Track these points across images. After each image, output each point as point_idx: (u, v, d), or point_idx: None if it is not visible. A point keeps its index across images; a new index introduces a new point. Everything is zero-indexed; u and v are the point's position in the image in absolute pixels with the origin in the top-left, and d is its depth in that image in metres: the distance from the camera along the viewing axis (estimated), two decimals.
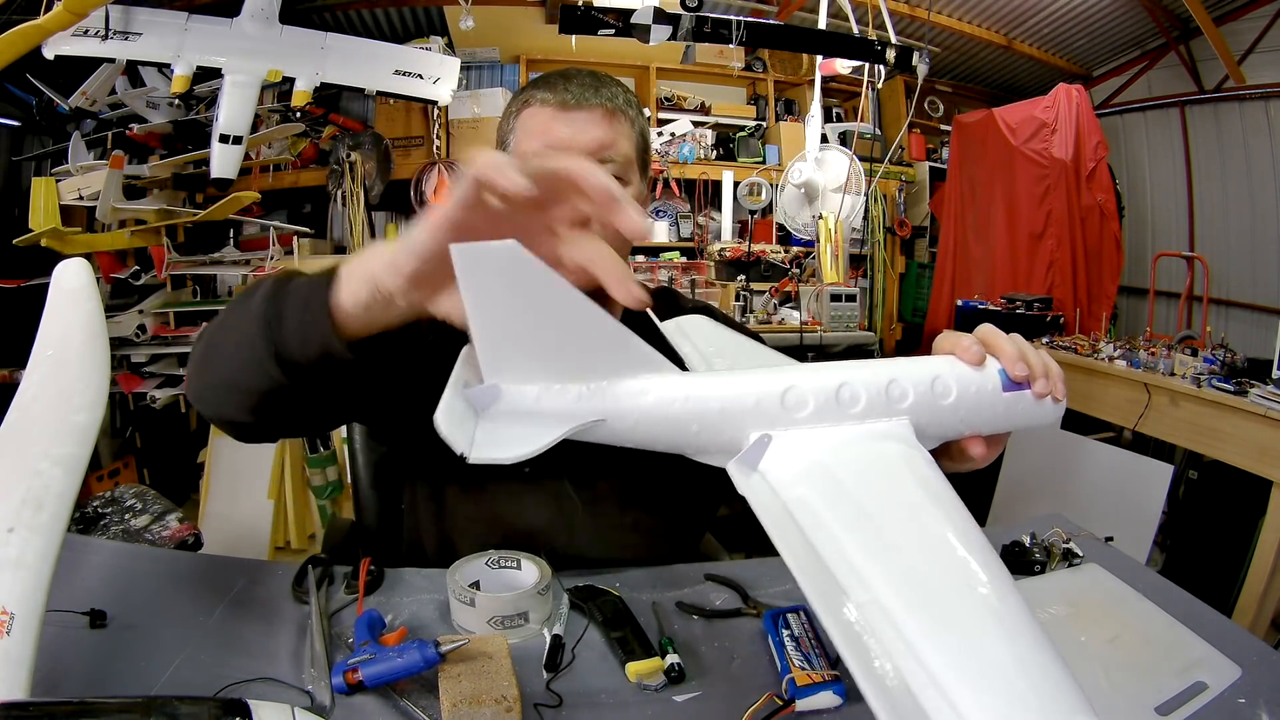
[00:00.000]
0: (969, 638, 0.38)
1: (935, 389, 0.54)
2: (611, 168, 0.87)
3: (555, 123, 0.86)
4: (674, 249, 3.94)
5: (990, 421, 0.58)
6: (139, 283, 2.98)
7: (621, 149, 0.88)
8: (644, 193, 0.97)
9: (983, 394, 0.57)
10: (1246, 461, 2.01)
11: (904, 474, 0.49)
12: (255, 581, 0.83)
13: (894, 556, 0.42)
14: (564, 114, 0.86)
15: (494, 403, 0.48)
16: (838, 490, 0.47)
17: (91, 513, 1.96)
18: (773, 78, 4.32)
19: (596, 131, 0.86)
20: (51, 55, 2.57)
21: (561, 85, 0.87)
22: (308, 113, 3.58)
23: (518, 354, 0.48)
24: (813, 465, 0.49)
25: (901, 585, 0.40)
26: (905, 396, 0.53)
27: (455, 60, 3.04)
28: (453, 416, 0.46)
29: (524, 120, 0.89)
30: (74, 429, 0.68)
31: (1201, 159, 4.11)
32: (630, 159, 0.90)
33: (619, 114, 0.88)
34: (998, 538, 0.96)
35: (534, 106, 0.88)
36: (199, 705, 0.52)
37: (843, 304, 3.45)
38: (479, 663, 0.64)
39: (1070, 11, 3.96)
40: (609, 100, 0.88)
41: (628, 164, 0.89)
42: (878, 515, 0.45)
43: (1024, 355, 0.58)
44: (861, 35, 2.87)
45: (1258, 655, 0.74)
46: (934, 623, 0.38)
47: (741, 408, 0.50)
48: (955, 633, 0.38)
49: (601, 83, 0.90)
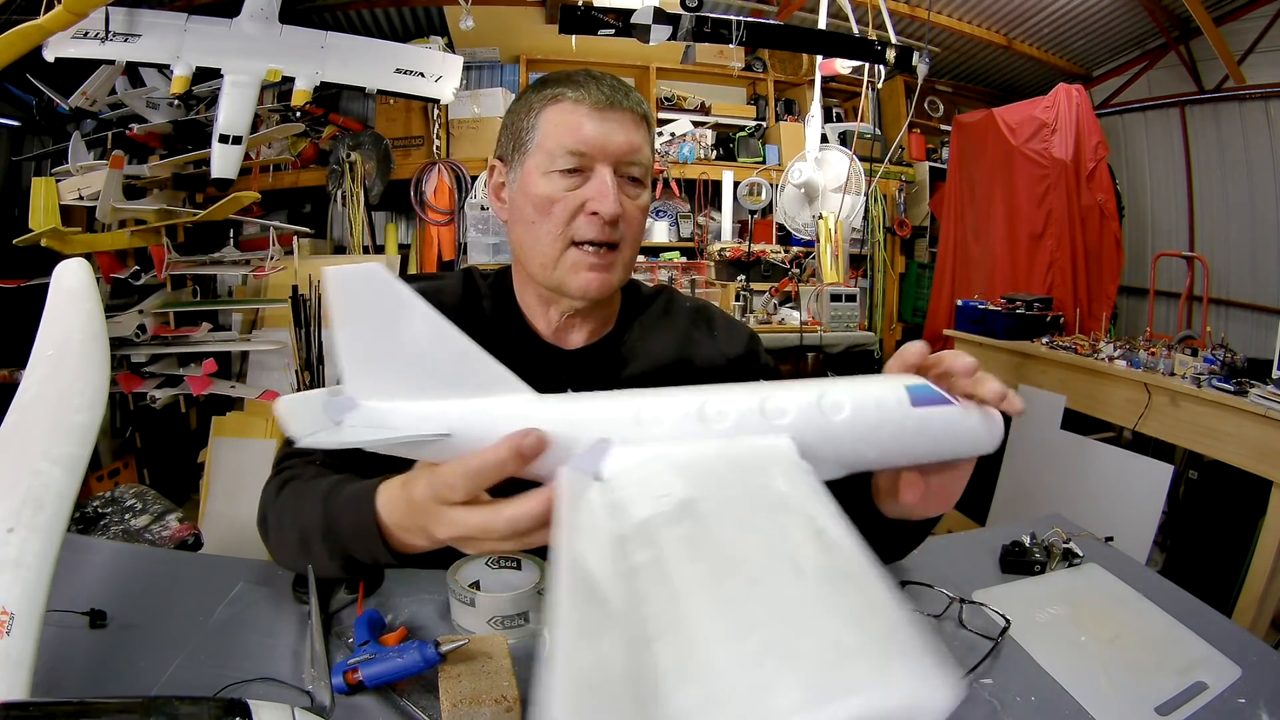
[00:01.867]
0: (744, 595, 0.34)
1: (823, 405, 0.50)
2: (638, 170, 0.88)
3: (588, 121, 0.85)
4: (674, 249, 3.94)
5: (903, 444, 0.52)
6: (139, 283, 2.98)
7: (645, 154, 0.89)
8: (650, 200, 0.98)
9: (885, 410, 0.51)
10: (1246, 461, 2.01)
11: (756, 480, 0.44)
12: (255, 581, 0.83)
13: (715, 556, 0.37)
14: (596, 113, 0.86)
15: (349, 412, 0.50)
16: (676, 498, 0.42)
17: (91, 513, 1.96)
18: (773, 78, 4.32)
19: (627, 134, 0.86)
20: (52, 58, 2.57)
21: (592, 85, 0.87)
22: (308, 113, 3.58)
23: (378, 371, 0.50)
24: (652, 470, 0.46)
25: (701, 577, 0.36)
26: (784, 414, 0.49)
27: (458, 58, 3.02)
28: (303, 406, 0.50)
29: (550, 116, 0.87)
30: (74, 429, 0.68)
31: (1201, 159, 4.11)
32: (650, 165, 0.91)
33: (644, 119, 0.89)
34: (998, 538, 0.96)
35: (564, 104, 0.86)
36: (199, 705, 0.52)
37: (843, 304, 3.46)
38: (479, 663, 0.64)
39: (1070, 11, 3.96)
40: (637, 105, 0.88)
41: (648, 170, 0.90)
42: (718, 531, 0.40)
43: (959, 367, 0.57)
44: (861, 35, 2.87)
45: (1258, 655, 0.75)
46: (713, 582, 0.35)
47: (591, 428, 0.49)
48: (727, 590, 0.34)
49: (626, 87, 0.91)
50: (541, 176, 0.87)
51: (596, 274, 0.87)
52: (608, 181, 0.84)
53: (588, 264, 0.87)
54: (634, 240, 0.90)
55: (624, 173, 0.87)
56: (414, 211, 3.78)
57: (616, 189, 0.85)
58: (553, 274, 0.88)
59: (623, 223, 0.87)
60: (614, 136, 0.85)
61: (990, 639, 0.75)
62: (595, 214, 0.84)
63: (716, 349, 0.99)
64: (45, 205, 2.58)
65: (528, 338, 0.95)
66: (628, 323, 0.99)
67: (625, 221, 0.88)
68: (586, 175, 0.86)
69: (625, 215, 0.87)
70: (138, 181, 3.05)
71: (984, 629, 0.77)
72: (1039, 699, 0.68)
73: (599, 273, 0.87)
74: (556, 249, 0.87)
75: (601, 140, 0.85)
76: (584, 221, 0.86)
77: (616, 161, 0.86)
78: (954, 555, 0.96)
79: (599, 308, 0.96)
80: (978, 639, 0.76)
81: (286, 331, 3.10)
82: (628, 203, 0.87)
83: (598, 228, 0.85)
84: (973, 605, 0.81)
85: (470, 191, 3.70)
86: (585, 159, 0.85)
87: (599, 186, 0.84)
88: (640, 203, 0.90)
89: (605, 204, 0.84)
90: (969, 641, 0.76)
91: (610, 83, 0.89)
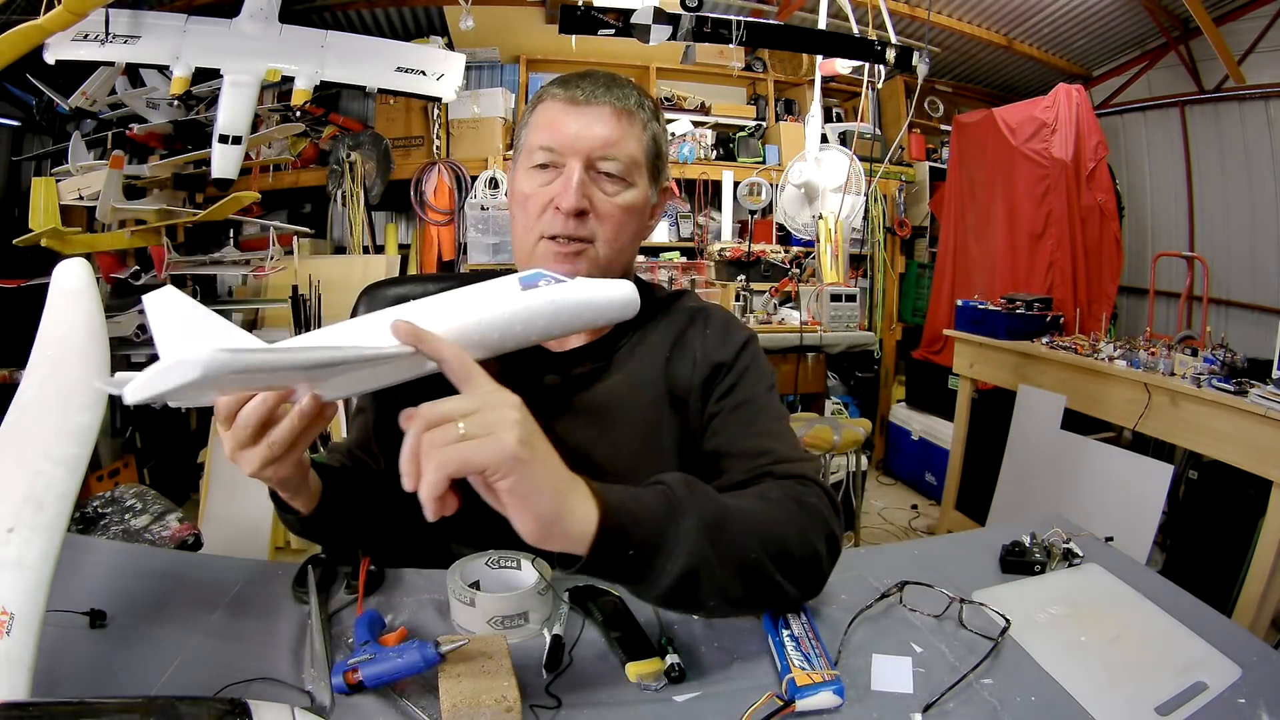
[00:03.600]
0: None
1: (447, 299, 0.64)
2: (613, 166, 0.87)
3: (564, 117, 0.87)
4: (674, 249, 3.94)
5: (526, 321, 0.64)
6: (139, 283, 2.98)
7: (626, 149, 0.88)
8: (653, 199, 0.95)
9: (499, 297, 0.64)
10: (1246, 461, 2.01)
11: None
12: (255, 581, 0.83)
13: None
14: (572, 109, 0.87)
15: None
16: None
17: (91, 513, 1.96)
18: (773, 78, 4.32)
19: (601, 129, 0.86)
20: (53, 60, 2.57)
21: (575, 82, 0.88)
22: (308, 112, 3.58)
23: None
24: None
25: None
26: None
27: (460, 56, 3.01)
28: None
29: (537, 114, 0.90)
30: (74, 429, 0.68)
31: (1201, 159, 4.11)
32: (637, 160, 0.89)
33: (628, 114, 0.88)
34: (998, 538, 0.96)
35: (547, 102, 0.89)
36: (199, 705, 0.52)
37: (843, 304, 3.46)
38: (479, 663, 0.64)
39: (1070, 11, 3.96)
40: (619, 100, 0.88)
41: (632, 165, 0.89)
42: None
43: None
44: (861, 35, 2.87)
45: (1258, 655, 0.74)
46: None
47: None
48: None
49: (616, 83, 0.90)
50: (524, 173, 0.89)
51: (561, 264, 0.86)
52: (573, 176, 0.85)
53: (553, 254, 0.87)
54: (611, 238, 0.88)
55: (598, 168, 0.87)
56: (414, 211, 3.78)
57: (581, 184, 0.85)
58: (528, 266, 0.88)
59: (594, 219, 0.87)
60: (586, 131, 0.86)
61: (990, 639, 0.75)
62: (558, 208, 0.85)
63: (701, 349, 0.93)
64: (45, 205, 2.58)
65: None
66: (628, 326, 0.96)
67: (598, 218, 0.87)
68: (559, 170, 0.87)
69: (597, 211, 0.87)
70: (138, 181, 3.05)
71: (984, 629, 0.77)
72: (1039, 699, 0.67)
73: (564, 263, 0.86)
74: (530, 243, 0.89)
75: (572, 135, 0.86)
76: (549, 215, 0.86)
77: (587, 156, 0.86)
78: (954, 555, 0.96)
79: None
80: (978, 639, 0.76)
81: (287, 331, 3.10)
82: (602, 199, 0.87)
83: (560, 222, 0.85)
84: (973, 605, 0.81)
85: (470, 191, 3.70)
86: (555, 154, 0.86)
87: (564, 181, 0.85)
88: (620, 200, 0.88)
89: (564, 198, 0.85)
90: (969, 641, 0.76)
91: (596, 80, 0.89)
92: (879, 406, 4.24)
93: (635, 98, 0.90)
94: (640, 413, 0.92)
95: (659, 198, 0.97)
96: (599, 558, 0.60)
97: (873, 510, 3.59)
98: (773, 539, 0.69)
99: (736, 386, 0.91)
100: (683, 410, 0.92)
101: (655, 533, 0.63)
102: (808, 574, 0.73)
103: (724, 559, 0.65)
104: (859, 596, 0.82)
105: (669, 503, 0.65)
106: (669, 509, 0.64)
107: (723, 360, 0.92)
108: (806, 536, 0.72)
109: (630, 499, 0.63)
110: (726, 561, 0.65)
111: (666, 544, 0.63)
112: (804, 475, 0.80)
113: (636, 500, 0.64)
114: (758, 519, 0.70)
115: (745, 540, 0.67)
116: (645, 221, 0.94)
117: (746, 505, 0.72)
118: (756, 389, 0.91)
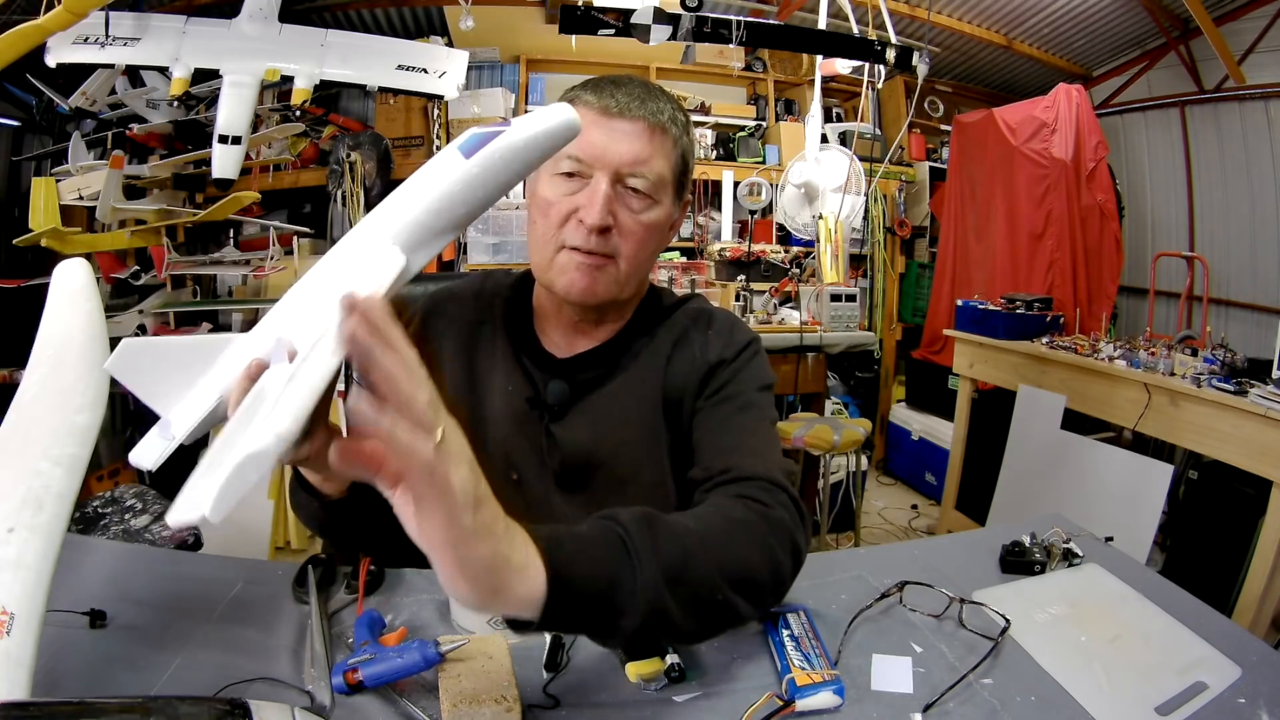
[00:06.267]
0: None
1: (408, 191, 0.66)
2: (641, 183, 0.85)
3: (594, 128, 0.83)
4: (674, 249, 3.94)
5: (483, 183, 0.63)
6: (139, 283, 2.98)
7: (655, 167, 0.85)
8: (676, 215, 0.93)
9: (448, 173, 0.63)
10: (1246, 461, 2.01)
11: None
12: (255, 581, 0.83)
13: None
14: (604, 120, 0.84)
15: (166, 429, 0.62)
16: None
17: (91, 513, 1.96)
18: (773, 78, 4.32)
19: (633, 145, 0.84)
20: (54, 64, 2.57)
21: (609, 91, 0.85)
22: (307, 112, 3.58)
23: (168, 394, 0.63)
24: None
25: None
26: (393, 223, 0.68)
27: (462, 53, 2.99)
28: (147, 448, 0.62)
29: None
30: (74, 429, 0.68)
31: (1201, 159, 4.11)
32: (664, 179, 0.87)
33: (661, 130, 0.86)
34: (998, 538, 0.96)
35: (578, 108, 0.82)
36: (199, 705, 0.52)
37: (843, 304, 3.45)
38: (479, 663, 0.64)
39: (1070, 11, 3.96)
40: (653, 115, 0.85)
41: (659, 184, 0.86)
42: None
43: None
44: (861, 35, 2.87)
45: (1258, 655, 0.74)
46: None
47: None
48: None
49: (651, 95, 0.87)
50: (547, 179, 0.87)
51: (582, 275, 0.85)
52: (600, 191, 0.83)
53: (575, 264, 0.85)
54: (633, 255, 0.87)
55: (626, 183, 0.85)
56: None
57: (607, 200, 0.83)
58: (547, 274, 0.88)
59: (617, 235, 0.85)
60: (616, 146, 0.84)
61: (990, 639, 0.75)
62: (582, 221, 0.83)
63: (700, 349, 0.93)
64: (45, 205, 2.58)
65: (527, 341, 0.96)
66: (632, 332, 0.96)
67: (621, 234, 0.85)
68: (585, 181, 0.84)
69: (620, 227, 0.85)
70: (138, 181, 3.05)
71: (984, 629, 0.77)
72: (1039, 699, 0.67)
73: (585, 274, 0.85)
74: (550, 251, 0.87)
75: (601, 148, 0.83)
76: (572, 227, 0.85)
77: (616, 171, 0.84)
78: (954, 555, 0.96)
79: (608, 316, 0.94)
80: (978, 639, 0.76)
81: None
82: (626, 216, 0.85)
83: (583, 235, 0.84)
84: (973, 605, 0.81)
85: None
86: (583, 165, 0.84)
87: (590, 195, 0.83)
88: (645, 218, 0.86)
89: (590, 213, 0.83)
90: (969, 641, 0.76)
91: (632, 90, 0.86)
92: (879, 406, 4.25)
93: (669, 112, 0.87)
94: (641, 415, 0.92)
95: (680, 212, 0.95)
96: (550, 620, 0.54)
97: (873, 510, 3.59)
98: (737, 566, 0.65)
99: (728, 384, 0.90)
100: (678, 411, 0.92)
101: (609, 587, 0.56)
102: (772, 593, 0.71)
103: (686, 606, 0.60)
104: (859, 596, 0.82)
105: (626, 552, 0.58)
106: (625, 559, 0.57)
107: (721, 359, 0.92)
108: (771, 554, 0.69)
109: (579, 553, 0.56)
110: (689, 606, 0.60)
111: (621, 603, 0.56)
112: (772, 480, 0.76)
113: (586, 555, 0.56)
114: (722, 549, 0.65)
115: (709, 579, 0.62)
116: (666, 236, 0.92)
117: (711, 533, 0.66)
118: (747, 388, 0.90)
